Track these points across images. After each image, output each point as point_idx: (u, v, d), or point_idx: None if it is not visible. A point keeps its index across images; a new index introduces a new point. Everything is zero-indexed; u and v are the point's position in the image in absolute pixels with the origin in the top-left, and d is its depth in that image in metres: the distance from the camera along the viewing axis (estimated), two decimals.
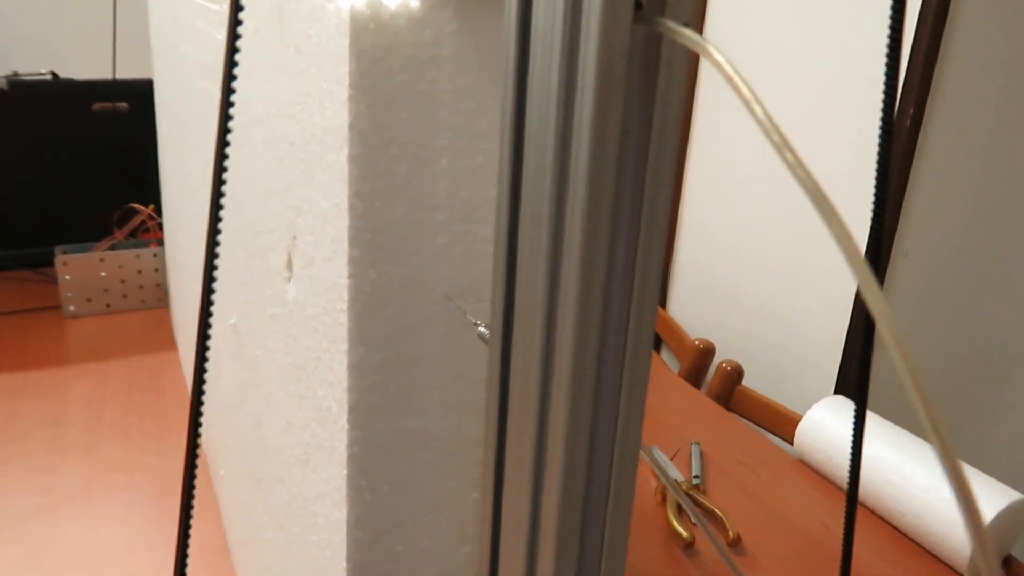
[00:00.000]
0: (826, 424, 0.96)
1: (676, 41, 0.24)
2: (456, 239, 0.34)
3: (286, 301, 0.45)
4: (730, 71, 0.21)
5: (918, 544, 0.85)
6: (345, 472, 0.37)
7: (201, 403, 0.27)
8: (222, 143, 0.23)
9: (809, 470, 0.98)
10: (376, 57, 0.31)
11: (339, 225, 0.34)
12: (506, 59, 0.26)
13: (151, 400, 1.07)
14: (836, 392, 1.26)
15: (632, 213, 0.27)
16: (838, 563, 0.82)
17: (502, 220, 0.30)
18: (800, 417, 1.00)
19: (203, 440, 0.95)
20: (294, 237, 0.42)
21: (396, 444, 0.37)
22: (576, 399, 0.29)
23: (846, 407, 0.97)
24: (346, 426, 0.36)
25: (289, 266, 0.44)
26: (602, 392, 0.30)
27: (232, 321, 0.64)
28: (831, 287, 1.26)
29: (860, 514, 0.90)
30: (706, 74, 1.53)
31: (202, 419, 0.29)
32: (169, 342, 1.23)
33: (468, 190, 0.34)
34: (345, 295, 0.34)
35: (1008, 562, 0.85)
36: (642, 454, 0.33)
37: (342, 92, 0.31)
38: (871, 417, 0.95)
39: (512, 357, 0.32)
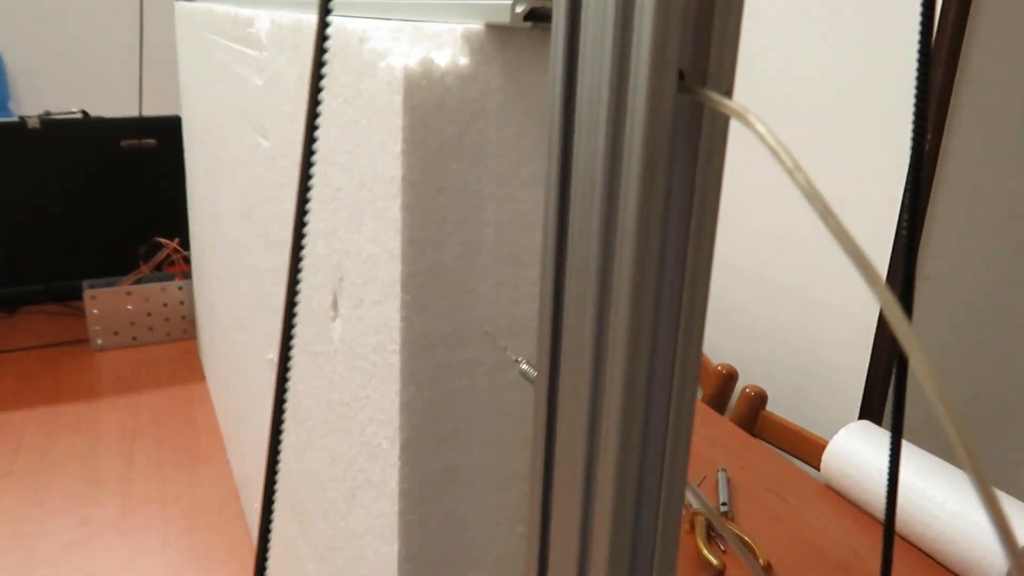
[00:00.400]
0: (853, 450, 0.96)
1: (717, 110, 0.25)
2: (502, 281, 0.36)
3: (331, 340, 0.47)
4: (772, 142, 0.22)
5: (950, 571, 0.85)
6: (396, 508, 0.38)
7: (279, 440, 0.28)
8: (303, 200, 0.25)
9: (836, 496, 0.98)
10: (427, 112, 0.32)
11: (391, 270, 0.35)
12: (550, 127, 0.28)
13: (182, 432, 1.08)
14: (861, 416, 1.26)
15: (676, 273, 0.28)
16: None
17: (547, 270, 0.31)
18: (825, 442, 1.01)
19: (236, 474, 0.97)
20: (340, 279, 0.43)
21: (444, 479, 0.39)
22: (625, 439, 0.30)
23: (872, 432, 0.97)
24: (397, 463, 0.37)
25: (335, 306, 0.45)
26: (650, 430, 0.31)
27: (270, 356, 0.66)
28: (854, 310, 1.27)
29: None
30: None
31: (280, 457, 0.30)
32: (197, 374, 1.25)
33: (513, 235, 0.35)
34: (397, 337, 0.36)
35: None
36: None
37: (395, 145, 0.33)
38: None
39: (559, 397, 0.33)
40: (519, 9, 0.29)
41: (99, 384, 1.20)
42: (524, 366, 0.37)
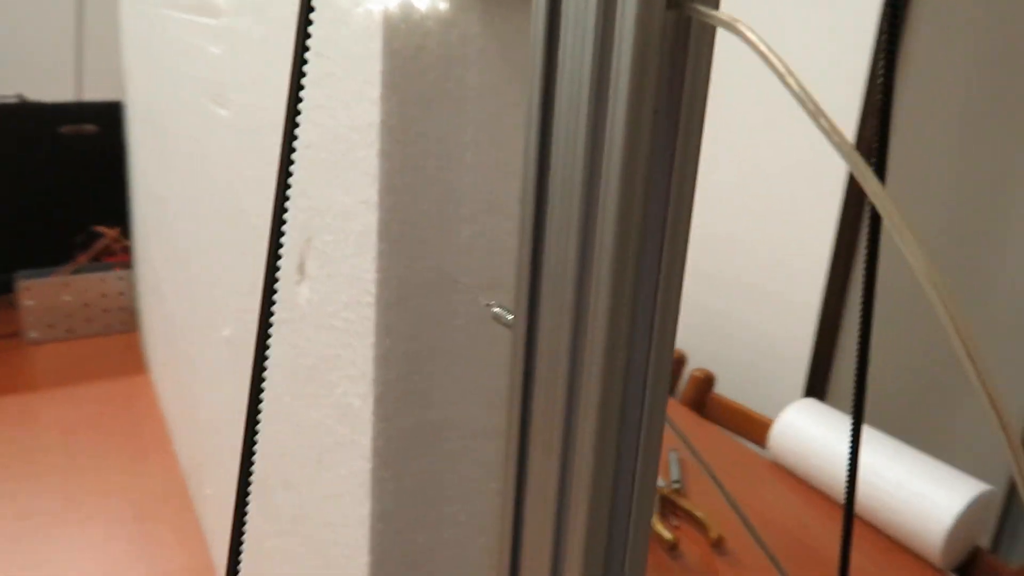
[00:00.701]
0: (799, 426, 0.99)
1: (704, 24, 0.26)
2: (481, 231, 0.36)
3: (296, 305, 0.46)
4: (764, 48, 0.22)
5: (892, 539, 0.88)
6: (369, 466, 0.38)
7: (255, 431, 0.27)
8: (286, 163, 0.24)
9: (783, 471, 1.01)
10: (407, 56, 0.32)
11: (367, 220, 0.35)
12: (534, 49, 0.28)
13: (125, 424, 1.05)
14: (806, 395, 1.29)
15: (661, 195, 0.28)
16: (819, 558, 0.85)
17: (527, 207, 0.31)
18: (771, 421, 1.03)
19: (183, 461, 0.94)
20: (308, 239, 0.43)
21: (418, 435, 0.38)
22: (608, 378, 0.30)
23: (817, 409, 1.00)
24: (371, 418, 0.37)
25: (301, 270, 0.45)
26: (632, 366, 0.31)
27: (225, 333, 0.64)
28: (797, 292, 1.30)
29: (836, 511, 0.93)
30: None
31: (254, 447, 0.29)
32: (139, 366, 1.22)
33: (493, 183, 0.35)
34: (372, 288, 0.35)
35: (976, 553, 0.89)
36: None
37: (373, 91, 0.33)
38: (840, 418, 0.98)
39: (537, 345, 0.33)
40: None
41: (36, 378, 1.16)
42: (497, 309, 0.37)
